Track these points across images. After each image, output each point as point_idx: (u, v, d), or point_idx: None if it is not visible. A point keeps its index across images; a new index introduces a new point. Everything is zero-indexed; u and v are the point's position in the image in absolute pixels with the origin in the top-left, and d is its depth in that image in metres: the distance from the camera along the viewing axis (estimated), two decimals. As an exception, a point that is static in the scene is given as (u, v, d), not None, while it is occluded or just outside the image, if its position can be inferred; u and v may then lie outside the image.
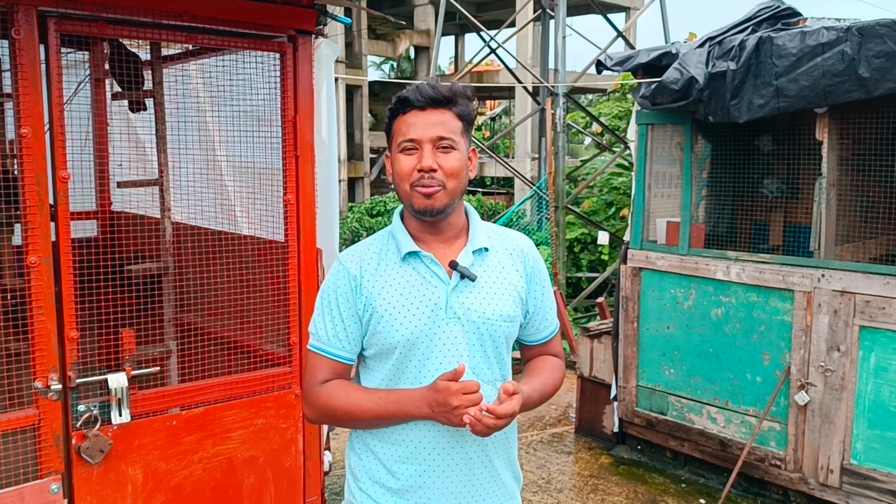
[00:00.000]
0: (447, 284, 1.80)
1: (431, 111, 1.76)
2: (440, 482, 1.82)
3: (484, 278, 1.83)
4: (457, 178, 1.77)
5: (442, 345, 1.79)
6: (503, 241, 1.92)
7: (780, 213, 5.21)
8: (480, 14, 25.49)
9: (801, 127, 4.55)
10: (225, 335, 2.97)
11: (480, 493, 1.86)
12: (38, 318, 2.32)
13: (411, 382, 1.79)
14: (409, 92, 1.78)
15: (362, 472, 1.88)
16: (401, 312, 1.78)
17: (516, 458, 1.99)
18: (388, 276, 1.81)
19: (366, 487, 1.86)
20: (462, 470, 1.83)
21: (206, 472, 2.71)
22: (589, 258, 12.34)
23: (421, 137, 1.75)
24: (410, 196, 1.76)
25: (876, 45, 3.75)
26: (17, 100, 2.26)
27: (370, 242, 1.89)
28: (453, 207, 1.80)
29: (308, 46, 2.82)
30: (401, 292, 1.79)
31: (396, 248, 1.83)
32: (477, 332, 1.81)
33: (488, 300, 1.82)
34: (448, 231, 1.84)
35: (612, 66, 5.03)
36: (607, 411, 5.50)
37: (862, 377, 4.03)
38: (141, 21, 2.48)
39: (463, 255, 1.82)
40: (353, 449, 1.92)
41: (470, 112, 1.82)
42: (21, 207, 2.29)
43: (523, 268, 1.91)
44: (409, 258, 1.82)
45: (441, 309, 1.78)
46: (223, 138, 3.22)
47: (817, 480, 4.23)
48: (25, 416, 2.34)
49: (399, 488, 1.83)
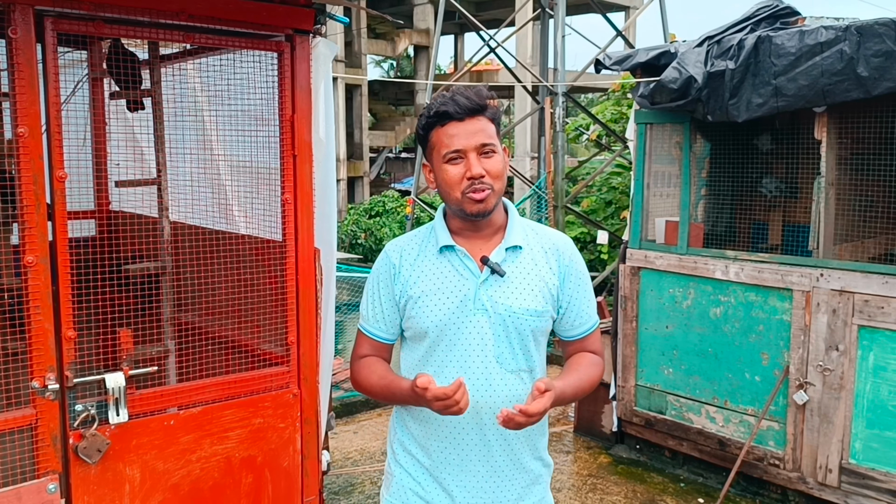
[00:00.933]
0: (478, 278, 1.93)
1: (469, 120, 1.87)
2: (461, 462, 1.95)
3: (514, 274, 1.94)
4: (501, 178, 1.90)
5: (468, 333, 1.91)
6: (539, 240, 2.03)
7: (778, 213, 5.21)
8: (480, 13, 25.48)
9: (799, 126, 4.55)
10: (223, 335, 2.97)
11: (500, 476, 1.97)
12: (36, 317, 2.32)
13: (438, 364, 1.95)
14: (446, 105, 1.88)
15: (398, 445, 2.05)
16: (432, 300, 1.93)
17: (544, 446, 2.08)
18: (425, 266, 1.97)
19: (401, 459, 2.04)
20: (482, 452, 1.95)
21: (203, 472, 2.71)
22: (588, 257, 12.33)
23: (465, 147, 1.86)
24: (462, 203, 1.89)
25: (875, 44, 3.75)
26: (13, 99, 2.25)
27: (415, 234, 2.06)
28: (497, 206, 1.95)
29: (306, 46, 2.82)
30: (434, 282, 1.95)
31: (436, 240, 1.98)
32: (503, 323, 1.92)
33: (516, 295, 1.93)
34: (487, 228, 1.97)
35: (610, 65, 5.03)
36: (606, 411, 5.50)
37: (860, 376, 4.03)
38: (138, 20, 2.48)
39: (496, 251, 1.94)
40: (393, 423, 2.10)
41: (499, 114, 1.94)
42: (18, 207, 2.29)
43: (557, 265, 2.01)
44: (446, 251, 1.96)
45: (470, 300, 1.91)
46: (221, 138, 3.21)
47: (816, 480, 4.23)
48: (23, 415, 2.34)
49: (429, 464, 1.98)
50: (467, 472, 1.95)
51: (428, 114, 1.91)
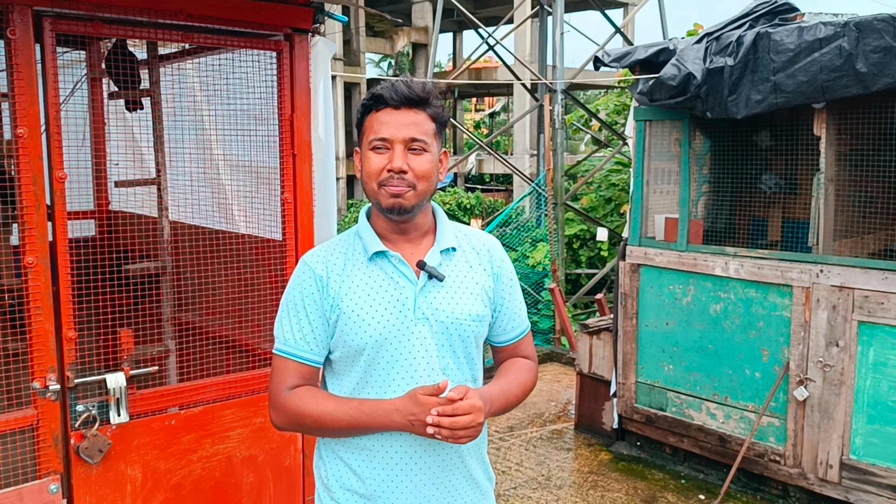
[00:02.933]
0: (415, 284, 1.78)
1: (405, 111, 1.74)
2: (413, 486, 1.79)
3: (452, 278, 1.82)
4: (427, 180, 1.75)
5: (411, 346, 1.76)
6: (470, 241, 1.91)
7: (778, 209, 5.21)
8: (478, 10, 25.46)
9: (799, 122, 4.54)
10: (223, 334, 2.97)
11: (454, 495, 1.84)
12: (36, 318, 2.32)
13: (380, 385, 1.77)
14: (383, 89, 1.75)
15: (333, 481, 1.84)
16: (368, 313, 1.75)
17: (487, 458, 1.96)
18: (354, 276, 1.78)
19: (337, 496, 1.82)
20: (436, 473, 1.81)
21: (205, 472, 2.71)
22: (588, 254, 12.35)
23: (393, 137, 1.73)
24: (377, 194, 1.75)
25: (873, 40, 3.75)
26: (13, 100, 2.25)
27: (335, 242, 1.86)
28: (421, 208, 1.79)
29: (304, 45, 2.82)
30: (367, 293, 1.76)
31: (363, 247, 1.81)
32: (446, 332, 1.79)
33: (456, 300, 1.81)
34: (415, 231, 1.83)
35: (609, 62, 5.02)
36: (607, 408, 5.51)
37: (861, 372, 4.03)
38: (137, 20, 2.48)
39: (430, 254, 1.81)
40: (322, 457, 1.88)
41: (443, 114, 1.81)
42: (18, 208, 2.29)
43: (490, 267, 1.90)
44: (377, 258, 1.79)
45: (409, 309, 1.76)
46: (220, 137, 3.21)
47: (816, 475, 4.23)
48: (24, 416, 2.34)
49: (370, 494, 1.79)
50: (419, 496, 1.80)
51: (367, 96, 1.77)
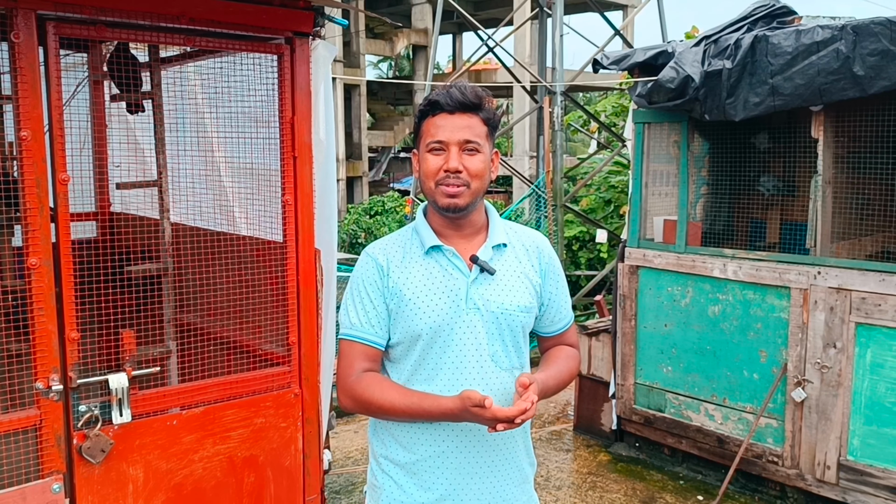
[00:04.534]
0: (467, 277, 1.92)
1: (460, 115, 1.87)
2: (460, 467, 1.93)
3: (502, 272, 1.95)
4: (480, 178, 1.89)
5: (462, 333, 1.90)
6: (520, 238, 2.04)
7: (776, 211, 5.23)
8: (478, 12, 25.50)
9: (796, 125, 4.56)
10: (224, 335, 2.99)
11: (498, 476, 1.97)
12: (39, 319, 2.34)
13: (433, 367, 1.91)
14: (439, 95, 1.89)
15: (383, 459, 1.98)
16: (424, 301, 1.89)
17: (531, 443, 2.09)
18: (412, 267, 1.93)
19: (390, 471, 1.97)
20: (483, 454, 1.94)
21: (206, 472, 2.73)
22: (587, 256, 12.36)
23: (448, 140, 1.86)
24: (434, 193, 1.88)
25: (870, 43, 3.77)
26: (16, 103, 2.27)
27: (395, 237, 2.01)
28: (475, 206, 1.93)
29: (305, 48, 2.84)
30: (424, 283, 1.91)
31: (420, 242, 1.95)
32: (496, 321, 1.92)
33: (506, 292, 1.94)
34: (469, 228, 1.96)
35: (608, 64, 5.04)
36: (605, 409, 5.52)
37: (858, 374, 4.05)
38: (139, 24, 2.49)
39: (483, 249, 1.94)
40: (377, 433, 2.02)
41: (494, 117, 1.94)
42: (21, 209, 2.31)
43: (538, 263, 2.03)
44: (433, 252, 1.94)
45: (462, 300, 1.90)
46: (221, 139, 3.23)
47: (814, 476, 4.25)
48: (27, 416, 2.36)
49: (419, 471, 1.93)
50: (467, 477, 1.93)
51: (424, 103, 1.93)
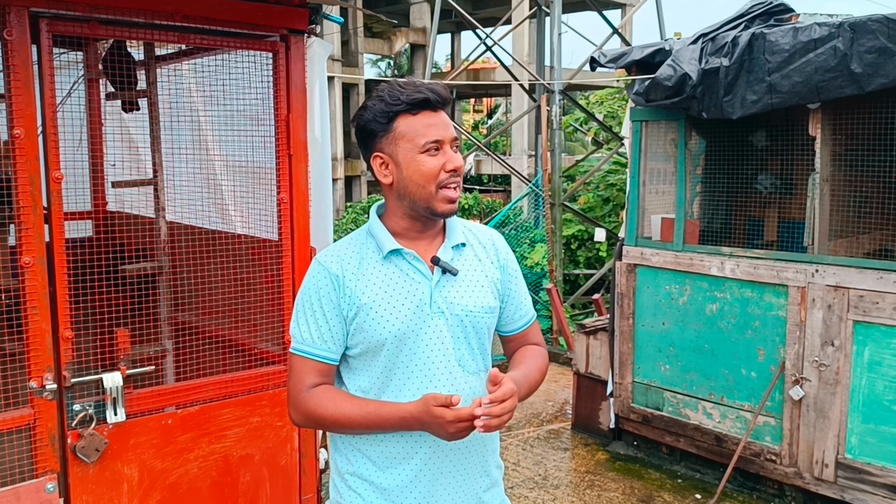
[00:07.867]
0: (430, 280, 1.83)
1: (442, 112, 1.79)
2: (433, 478, 1.83)
3: (463, 272, 1.87)
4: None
5: (428, 339, 1.81)
6: (476, 236, 1.96)
7: (774, 209, 5.23)
8: (476, 11, 25.47)
9: (794, 123, 4.56)
10: (220, 334, 2.98)
11: (469, 483, 1.88)
12: (33, 318, 2.33)
13: (400, 379, 1.80)
14: (422, 92, 1.75)
15: (349, 472, 1.86)
16: (386, 309, 1.78)
17: (499, 447, 2.02)
18: (370, 274, 1.81)
19: (354, 485, 1.85)
20: (454, 461, 1.85)
21: (201, 471, 2.72)
22: (586, 255, 12.35)
23: (444, 138, 1.76)
24: (433, 198, 1.77)
25: (868, 40, 3.76)
26: (9, 101, 2.26)
27: (348, 242, 1.88)
28: None
29: (300, 46, 2.83)
30: (385, 289, 1.80)
31: (377, 246, 1.83)
32: (461, 324, 1.84)
33: (469, 293, 1.86)
34: (433, 228, 1.87)
35: (606, 62, 5.04)
36: (603, 407, 5.52)
37: (856, 372, 4.05)
38: (134, 21, 2.49)
39: (443, 250, 1.85)
40: (339, 449, 1.90)
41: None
42: (15, 208, 2.30)
43: (497, 259, 1.96)
44: (392, 256, 1.82)
45: (426, 304, 1.81)
46: (217, 138, 3.22)
47: (812, 475, 4.25)
48: (21, 415, 2.35)
49: (390, 486, 1.82)
50: (440, 487, 1.84)
51: (392, 100, 1.75)
